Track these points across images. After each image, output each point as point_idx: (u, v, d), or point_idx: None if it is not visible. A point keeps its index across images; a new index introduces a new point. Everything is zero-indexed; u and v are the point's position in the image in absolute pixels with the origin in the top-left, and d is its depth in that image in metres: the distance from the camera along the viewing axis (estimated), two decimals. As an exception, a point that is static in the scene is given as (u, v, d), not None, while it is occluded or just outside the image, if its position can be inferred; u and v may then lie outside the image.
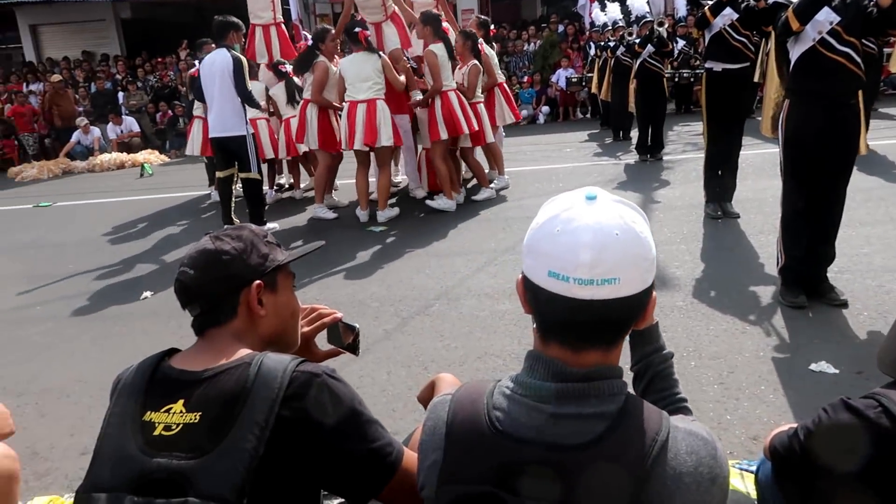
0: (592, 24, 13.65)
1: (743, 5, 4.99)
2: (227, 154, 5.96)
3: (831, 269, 3.99)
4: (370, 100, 5.86)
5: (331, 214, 6.44)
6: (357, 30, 5.93)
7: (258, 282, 1.31)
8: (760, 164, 7.03)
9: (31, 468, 2.61)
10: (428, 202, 6.41)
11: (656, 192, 6.46)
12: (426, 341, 3.61)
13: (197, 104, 7.27)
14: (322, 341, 1.68)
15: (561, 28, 15.18)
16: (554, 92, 13.85)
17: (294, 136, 6.72)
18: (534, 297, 1.03)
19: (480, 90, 6.62)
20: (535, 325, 1.08)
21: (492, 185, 6.86)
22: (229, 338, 1.29)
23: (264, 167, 7.24)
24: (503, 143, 7.95)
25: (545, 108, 13.81)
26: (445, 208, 6.28)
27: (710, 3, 5.18)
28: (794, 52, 3.53)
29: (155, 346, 3.83)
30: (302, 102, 6.37)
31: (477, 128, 6.31)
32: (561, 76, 13.65)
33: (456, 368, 3.25)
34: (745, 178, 6.03)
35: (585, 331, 1.00)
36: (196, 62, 7.70)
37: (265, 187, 7.28)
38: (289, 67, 7.13)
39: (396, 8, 6.60)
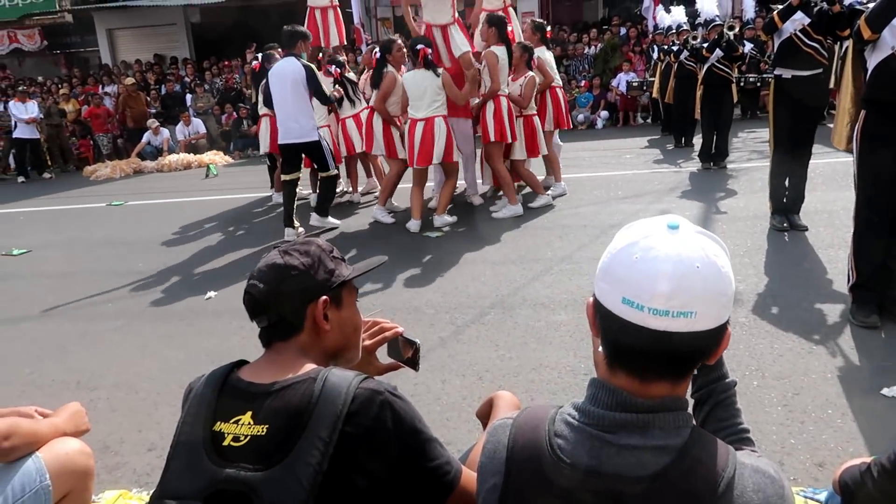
0: (656, 26, 13.41)
1: (816, 9, 4.81)
2: (295, 159, 6.25)
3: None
4: (428, 118, 5.89)
5: (389, 218, 6.49)
6: (419, 47, 5.94)
7: (325, 297, 1.35)
8: (831, 175, 6.77)
9: (102, 462, 2.74)
10: (494, 214, 6.36)
11: (720, 203, 6.30)
12: (481, 350, 3.62)
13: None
14: (382, 354, 1.71)
15: (623, 31, 14.94)
16: (614, 96, 13.65)
17: (363, 145, 6.86)
18: (605, 322, 1.02)
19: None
20: (601, 351, 1.07)
21: (548, 192, 6.84)
22: (295, 351, 1.33)
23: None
24: (560, 149, 7.91)
25: (604, 113, 13.62)
26: (511, 215, 6.26)
27: (779, 7, 5.02)
28: (871, 61, 3.39)
29: (218, 345, 3.96)
30: (368, 111, 6.49)
31: (516, 139, 6.32)
32: (622, 80, 13.43)
33: (510, 379, 3.26)
34: (814, 188, 5.83)
35: (655, 362, 0.99)
36: (258, 57, 7.96)
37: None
38: (335, 68, 7.12)
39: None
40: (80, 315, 4.79)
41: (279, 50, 7.30)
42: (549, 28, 7.62)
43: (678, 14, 10.52)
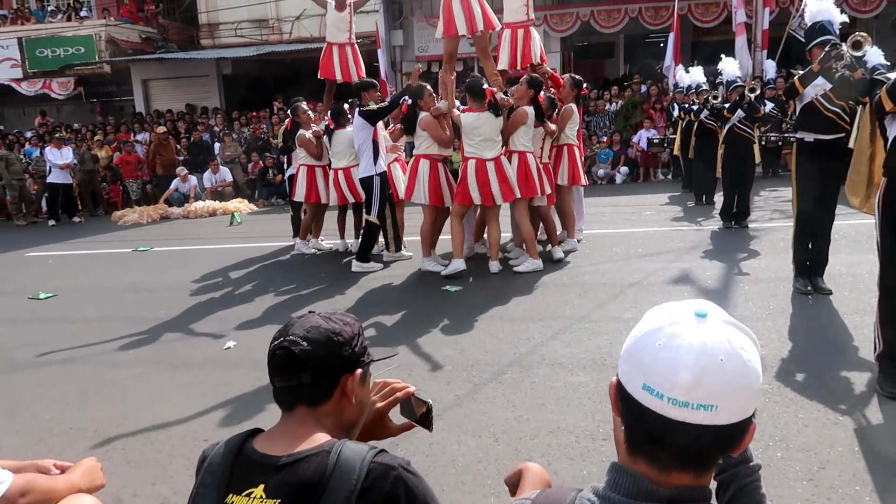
0: (676, 85, 13.60)
1: (837, 75, 4.85)
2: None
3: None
4: (496, 158, 6.12)
5: (438, 267, 6.52)
6: (484, 87, 6.16)
7: (360, 370, 1.37)
8: (855, 237, 6.71)
9: (115, 515, 2.73)
10: (515, 268, 6.43)
11: (742, 263, 6.25)
12: (498, 410, 3.58)
13: (299, 151, 7.82)
14: (395, 414, 1.71)
15: (644, 88, 15.16)
16: (635, 152, 13.75)
17: (403, 193, 7.02)
18: (625, 405, 1.00)
19: (548, 147, 6.86)
20: (623, 434, 1.06)
21: (561, 247, 6.96)
22: (313, 421, 1.33)
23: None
24: (583, 205, 7.97)
25: (624, 169, 13.71)
26: (532, 269, 6.33)
27: (800, 72, 5.07)
28: (893, 130, 3.41)
29: (235, 397, 3.97)
30: (413, 160, 6.58)
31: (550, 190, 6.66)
32: (643, 136, 13.56)
33: (527, 442, 3.21)
34: (837, 251, 5.77)
35: (675, 452, 0.97)
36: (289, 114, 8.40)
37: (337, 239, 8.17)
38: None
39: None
40: (101, 361, 4.83)
41: (303, 103, 7.98)
42: (585, 86, 7.82)
43: (697, 74, 10.67)
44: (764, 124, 10.24)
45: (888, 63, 7.65)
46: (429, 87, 6.60)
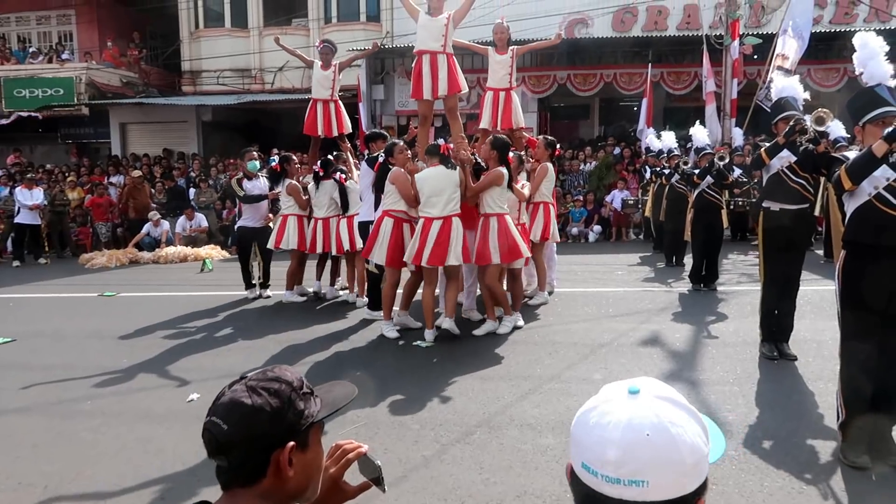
0: (648, 148, 14.00)
1: (801, 149, 5.03)
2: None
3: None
4: (445, 217, 5.82)
5: (394, 334, 6.15)
6: (440, 142, 6.11)
7: (292, 443, 1.28)
8: (818, 302, 6.85)
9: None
10: (499, 331, 6.18)
11: (710, 326, 6.33)
12: (465, 473, 3.52)
13: (286, 200, 8.07)
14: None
15: (617, 150, 15.56)
16: (608, 212, 14.02)
17: (362, 250, 6.81)
18: (573, 484, 1.01)
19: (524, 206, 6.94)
20: None
21: (530, 301, 7.32)
22: (253, 497, 1.28)
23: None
24: (555, 260, 8.11)
25: (597, 228, 13.94)
26: (516, 322, 6.30)
27: (766, 144, 5.25)
28: (850, 206, 3.52)
29: (195, 453, 3.86)
30: (378, 215, 6.29)
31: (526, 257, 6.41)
32: (616, 197, 13.86)
33: (493, 507, 3.15)
34: (802, 316, 5.88)
35: None
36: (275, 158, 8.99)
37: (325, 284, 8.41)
38: (340, 175, 7.80)
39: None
40: (57, 412, 4.67)
41: (254, 153, 8.56)
42: (558, 147, 8.11)
43: (669, 139, 11.01)
44: (731, 191, 10.52)
45: (849, 135, 7.99)
46: (401, 143, 6.40)
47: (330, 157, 8.04)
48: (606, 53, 16.28)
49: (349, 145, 8.58)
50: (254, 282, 8.47)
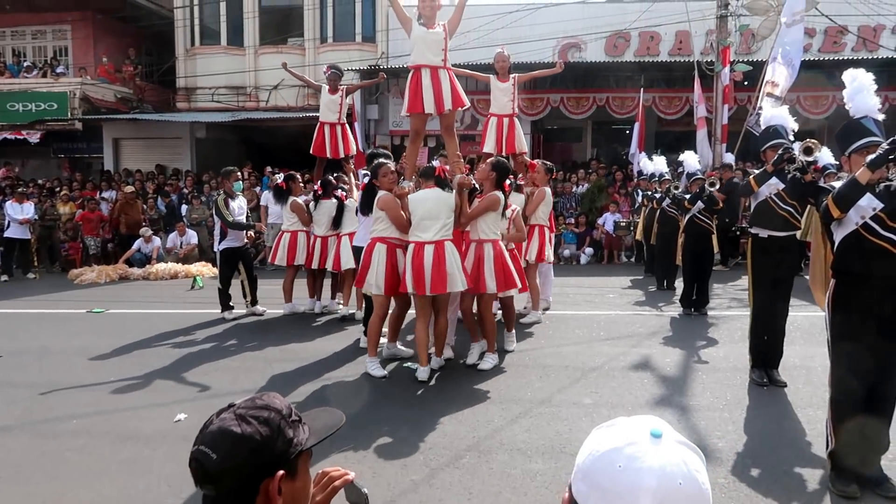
0: (640, 172, 14.13)
1: (789, 177, 5.10)
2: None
3: (886, 456, 3.80)
4: (438, 242, 5.41)
5: (381, 372, 5.68)
6: (435, 164, 5.75)
7: (281, 472, 1.28)
8: (808, 328, 6.88)
9: None
10: (480, 366, 5.80)
11: (700, 351, 6.34)
12: (454, 498, 3.50)
13: (290, 216, 8.51)
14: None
15: (610, 174, 15.67)
16: (600, 234, 14.07)
17: (355, 279, 6.37)
18: None
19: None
20: None
21: (523, 319, 7.48)
22: None
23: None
24: (552, 279, 8.36)
25: (588, 250, 13.99)
26: (496, 363, 5.87)
27: (756, 172, 5.31)
28: (838, 235, 3.56)
29: (181, 474, 3.82)
30: (369, 243, 5.84)
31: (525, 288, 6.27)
32: (608, 219, 13.92)
33: (482, 534, 3.13)
34: (792, 342, 5.90)
35: None
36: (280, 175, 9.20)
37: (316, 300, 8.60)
38: (341, 192, 8.03)
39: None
40: (42, 431, 4.61)
41: (238, 174, 8.74)
42: (555, 170, 8.47)
43: (660, 163, 11.10)
44: (720, 213, 10.59)
45: (838, 163, 8.08)
46: (387, 163, 5.97)
47: (331, 177, 8.41)
48: (599, 77, 16.44)
49: (352, 166, 8.70)
50: (232, 303, 8.46)
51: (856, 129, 3.57)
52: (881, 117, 3.63)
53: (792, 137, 5.30)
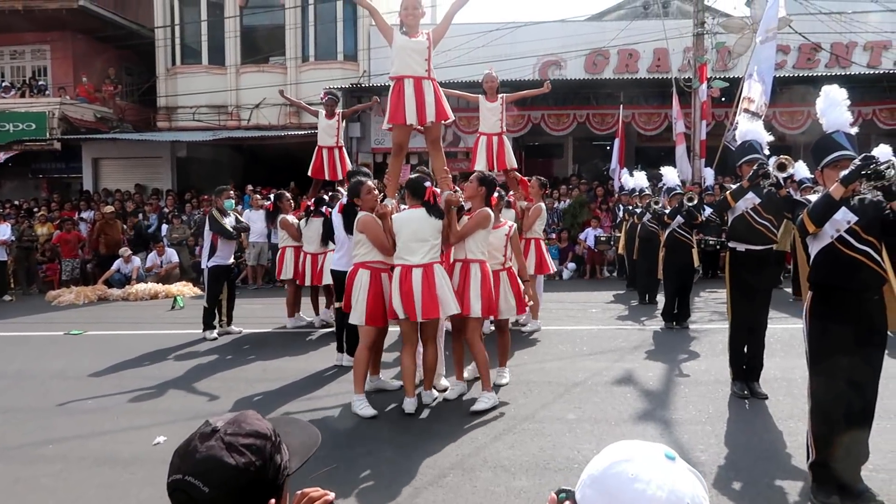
0: (622, 187, 14.25)
1: (765, 191, 5.18)
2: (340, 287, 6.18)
3: (866, 466, 3.83)
4: (426, 265, 5.05)
5: (370, 412, 5.10)
6: (427, 184, 5.22)
7: (272, 501, 1.25)
8: (788, 340, 6.94)
9: None
10: (472, 408, 5.12)
11: (682, 365, 6.37)
12: (437, 517, 3.47)
13: (281, 233, 8.93)
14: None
15: (590, 188, 15.79)
16: (582, 249, 14.15)
17: (342, 304, 5.74)
18: None
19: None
20: None
21: (524, 329, 7.89)
22: None
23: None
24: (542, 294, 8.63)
25: (571, 265, 14.05)
26: (490, 405, 5.14)
27: (733, 187, 5.39)
28: (813, 248, 3.60)
29: (160, 499, 3.74)
30: (351, 269, 5.43)
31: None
32: (590, 235, 14.01)
33: (466, 553, 3.10)
34: (772, 354, 5.96)
35: None
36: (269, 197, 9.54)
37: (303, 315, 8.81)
38: (327, 208, 8.11)
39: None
40: (16, 457, 4.52)
41: (230, 192, 8.80)
42: (548, 185, 9.01)
43: (641, 179, 11.22)
44: (703, 229, 10.70)
45: (813, 176, 8.19)
46: (369, 182, 5.54)
47: (325, 196, 8.65)
48: (579, 95, 16.63)
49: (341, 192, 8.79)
50: (221, 320, 8.40)
51: (828, 144, 3.63)
52: (854, 131, 3.70)
53: (767, 152, 5.39)
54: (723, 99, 14.16)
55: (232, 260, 8.73)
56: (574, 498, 1.07)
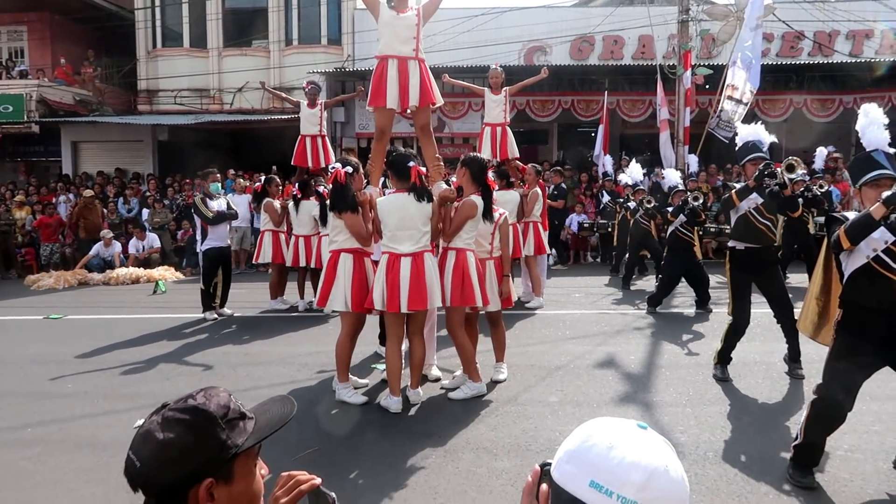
0: (606, 173, 14.28)
1: (768, 191, 5.18)
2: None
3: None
4: (416, 254, 4.78)
5: (360, 399, 5.03)
6: (411, 164, 4.80)
7: (208, 480, 1.21)
8: (769, 325, 6.97)
9: None
10: (451, 395, 5.09)
11: (664, 349, 6.42)
12: (419, 498, 3.48)
13: (263, 216, 9.12)
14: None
15: (575, 174, 15.81)
16: (566, 235, 14.19)
17: (318, 295, 5.34)
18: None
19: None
20: None
21: (528, 304, 8.44)
22: None
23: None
24: (544, 274, 9.18)
25: (554, 251, 14.07)
26: (472, 394, 5.05)
27: (738, 186, 5.39)
28: (848, 267, 3.56)
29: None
30: (331, 256, 5.12)
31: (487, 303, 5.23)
32: (574, 221, 14.04)
33: (447, 532, 3.11)
34: (752, 338, 6.02)
35: None
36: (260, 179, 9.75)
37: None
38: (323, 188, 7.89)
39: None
40: (-6, 440, 4.47)
41: (217, 175, 8.78)
42: (544, 172, 9.50)
43: (636, 172, 11.27)
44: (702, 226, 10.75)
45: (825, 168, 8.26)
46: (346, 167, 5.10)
47: (311, 179, 8.93)
48: (564, 81, 16.60)
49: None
50: (213, 303, 8.33)
51: (867, 162, 3.60)
52: (893, 151, 3.66)
53: (768, 152, 5.42)
54: (707, 86, 14.21)
55: (228, 242, 8.70)
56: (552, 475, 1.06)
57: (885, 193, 3.27)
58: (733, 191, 5.33)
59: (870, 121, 3.74)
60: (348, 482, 3.66)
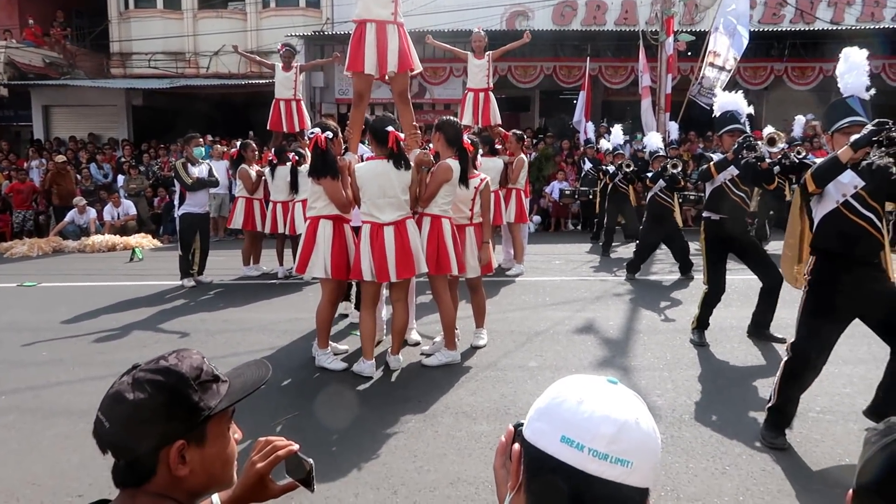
0: (587, 140, 14.25)
1: (743, 162, 5.17)
2: None
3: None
4: (398, 222, 4.74)
5: (340, 365, 5.02)
6: (389, 129, 4.67)
7: (180, 442, 1.20)
8: (745, 290, 7.07)
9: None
10: (425, 361, 5.09)
11: (642, 314, 6.47)
12: (398, 461, 3.50)
13: (238, 183, 9.10)
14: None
15: (556, 142, 15.76)
16: (547, 203, 14.20)
17: (296, 261, 5.22)
18: (534, 465, 0.97)
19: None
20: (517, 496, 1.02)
21: (509, 272, 8.44)
22: (149, 497, 1.21)
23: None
24: (526, 240, 9.11)
25: (536, 218, 14.08)
26: (446, 361, 5.03)
27: (716, 158, 5.38)
28: (818, 213, 3.58)
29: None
30: (310, 223, 5.02)
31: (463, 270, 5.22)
32: (555, 188, 14.03)
33: (426, 494, 3.14)
34: (729, 304, 6.08)
35: None
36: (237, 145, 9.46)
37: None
38: (293, 155, 7.92)
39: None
40: (-33, 408, 4.41)
41: (199, 139, 8.47)
42: (526, 139, 9.65)
43: (617, 135, 11.25)
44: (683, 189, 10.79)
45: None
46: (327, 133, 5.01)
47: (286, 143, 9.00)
48: (546, 46, 16.42)
49: (307, 140, 8.45)
50: (191, 270, 8.22)
51: (841, 109, 3.58)
52: (868, 96, 3.63)
53: (746, 122, 5.39)
54: (689, 53, 14.14)
55: (207, 209, 8.44)
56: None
57: (853, 137, 3.29)
58: (711, 163, 5.34)
59: (850, 66, 3.72)
60: (327, 447, 3.66)
